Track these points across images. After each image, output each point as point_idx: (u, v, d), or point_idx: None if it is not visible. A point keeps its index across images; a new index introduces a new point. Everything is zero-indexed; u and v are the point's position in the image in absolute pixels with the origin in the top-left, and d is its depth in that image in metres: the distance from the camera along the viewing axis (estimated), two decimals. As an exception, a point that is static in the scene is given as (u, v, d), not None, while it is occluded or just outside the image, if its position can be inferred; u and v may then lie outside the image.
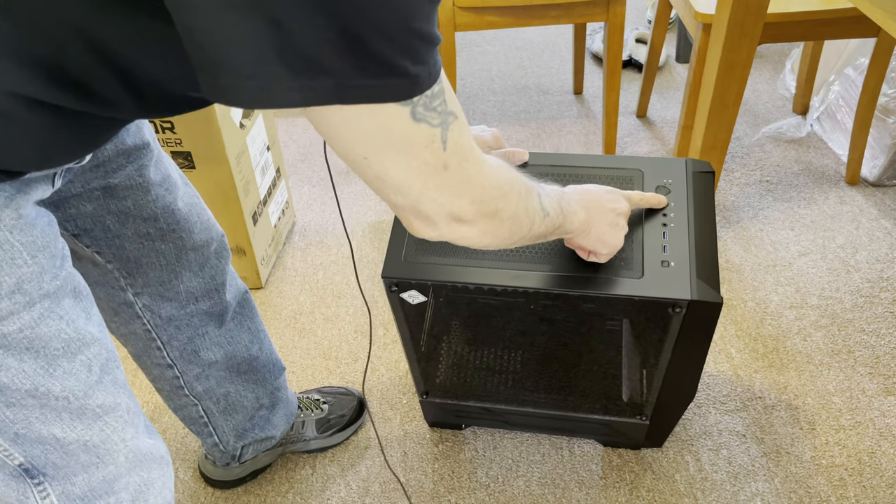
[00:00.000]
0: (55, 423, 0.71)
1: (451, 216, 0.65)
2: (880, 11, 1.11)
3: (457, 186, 0.63)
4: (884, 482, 1.25)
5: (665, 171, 1.06)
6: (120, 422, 0.76)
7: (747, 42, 1.50)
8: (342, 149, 0.57)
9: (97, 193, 0.84)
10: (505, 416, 1.30)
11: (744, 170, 2.02)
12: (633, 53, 2.53)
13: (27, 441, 0.70)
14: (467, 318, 1.29)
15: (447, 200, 0.63)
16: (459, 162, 0.61)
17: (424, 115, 0.56)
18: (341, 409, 1.37)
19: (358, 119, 0.54)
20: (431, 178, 0.60)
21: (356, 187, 2.04)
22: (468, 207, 0.65)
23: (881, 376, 1.43)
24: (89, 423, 0.73)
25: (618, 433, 1.28)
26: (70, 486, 0.74)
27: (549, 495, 1.26)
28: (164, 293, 0.99)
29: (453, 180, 0.62)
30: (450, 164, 0.60)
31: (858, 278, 1.65)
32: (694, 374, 1.11)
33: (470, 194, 0.64)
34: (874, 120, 1.87)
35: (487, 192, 0.66)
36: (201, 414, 1.16)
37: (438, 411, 1.32)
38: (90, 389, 0.72)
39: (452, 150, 0.60)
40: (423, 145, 0.58)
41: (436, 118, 0.57)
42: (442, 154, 0.59)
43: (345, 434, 1.36)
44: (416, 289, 1.01)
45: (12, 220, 0.62)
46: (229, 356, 1.13)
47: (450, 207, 0.64)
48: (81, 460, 0.74)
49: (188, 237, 0.96)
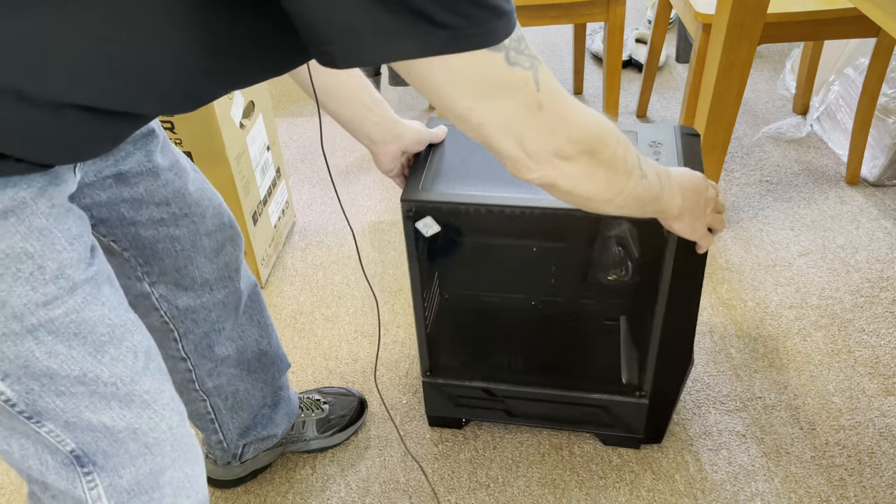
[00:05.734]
0: (104, 410, 0.72)
1: (554, 153, 0.68)
2: (880, 11, 1.11)
3: (554, 125, 0.66)
4: (884, 482, 1.25)
5: (656, 132, 1.16)
6: (166, 409, 0.77)
7: (747, 42, 1.50)
8: (447, 102, 0.61)
9: (109, 181, 0.86)
10: (506, 403, 1.31)
11: (744, 170, 2.02)
12: (633, 53, 2.53)
13: (77, 428, 0.72)
14: (476, 264, 1.33)
15: (547, 139, 0.67)
16: (553, 101, 0.65)
17: (517, 59, 0.60)
18: (342, 410, 1.37)
19: (460, 70, 0.58)
20: (530, 119, 0.64)
21: (356, 187, 2.04)
22: (567, 145, 0.68)
23: (881, 376, 1.43)
24: (138, 411, 0.74)
25: (617, 420, 1.28)
26: (118, 478, 0.75)
27: (549, 495, 1.26)
28: (179, 281, 1.00)
29: (550, 119, 0.66)
30: (545, 104, 0.64)
31: (858, 278, 1.65)
32: (688, 329, 1.16)
33: (567, 132, 0.68)
34: (874, 120, 1.87)
35: (584, 130, 0.69)
36: (209, 410, 1.16)
37: (440, 398, 1.32)
38: (136, 376, 0.73)
39: (545, 91, 0.63)
40: (519, 87, 0.61)
41: (526, 61, 0.61)
42: (536, 95, 0.63)
43: (345, 434, 1.36)
44: (432, 214, 1.08)
45: (47, 209, 0.65)
46: (241, 350, 1.13)
47: (550, 145, 0.67)
48: (130, 450, 0.75)
49: (201, 222, 0.97)
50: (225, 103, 1.48)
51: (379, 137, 1.08)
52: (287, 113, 2.42)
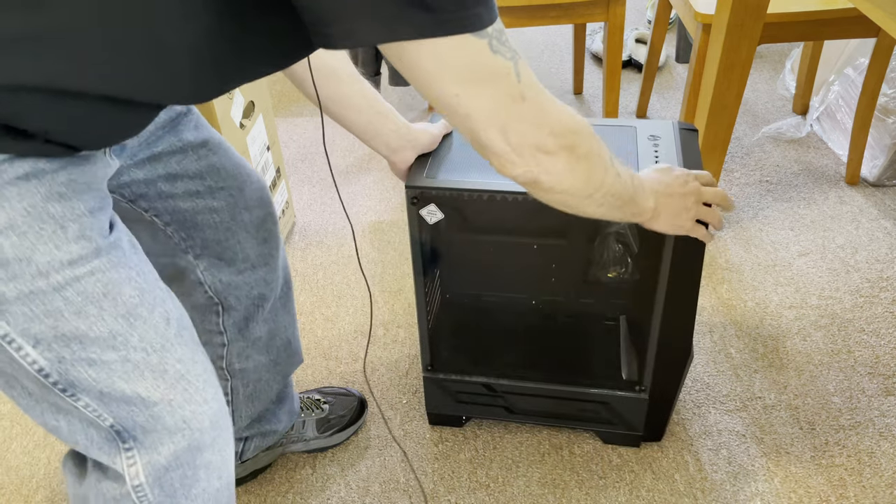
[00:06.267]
0: (138, 380, 0.72)
1: (535, 147, 0.70)
2: (880, 11, 1.11)
3: (536, 117, 0.69)
4: (884, 482, 1.25)
5: (655, 128, 1.18)
6: (200, 380, 0.76)
7: (747, 42, 1.50)
8: (436, 91, 0.65)
9: (143, 161, 0.90)
10: (506, 399, 1.31)
11: (744, 170, 2.02)
12: (633, 53, 2.53)
13: (113, 400, 0.72)
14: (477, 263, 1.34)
15: (530, 131, 0.69)
16: (535, 93, 0.68)
17: (499, 48, 0.63)
18: (342, 410, 1.37)
19: (447, 55, 0.62)
20: (514, 109, 0.67)
21: (356, 187, 2.04)
22: (548, 139, 0.71)
23: (881, 376, 1.43)
24: (172, 382, 0.74)
25: (617, 416, 1.28)
26: (156, 454, 0.75)
27: (549, 495, 1.26)
28: (222, 255, 1.01)
29: (532, 111, 0.69)
30: (527, 95, 0.67)
31: (858, 278, 1.65)
32: (688, 321, 1.17)
33: (548, 125, 0.70)
34: (874, 120, 1.87)
35: (564, 124, 0.72)
36: (227, 392, 1.16)
37: (440, 394, 1.33)
38: (168, 343, 0.73)
39: (526, 83, 0.67)
40: (502, 76, 0.65)
41: (507, 52, 0.64)
42: (518, 85, 0.66)
43: (345, 434, 1.36)
44: (436, 201, 1.09)
45: (67, 180, 0.67)
46: (271, 335, 1.15)
47: (533, 138, 0.70)
48: (168, 424, 0.75)
49: (239, 195, 0.99)
50: (225, 103, 1.48)
51: (397, 145, 1.09)
52: (287, 113, 2.42)
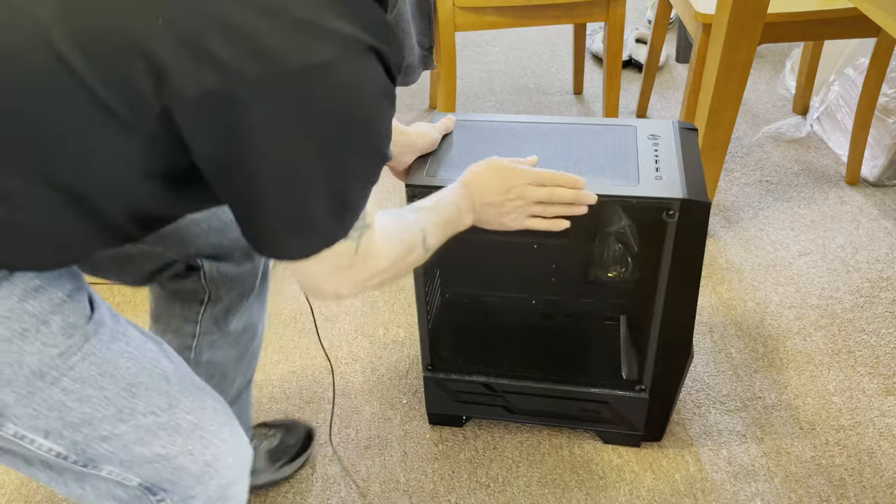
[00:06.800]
0: (155, 442, 0.73)
1: (336, 296, 0.76)
2: (880, 11, 1.11)
3: (351, 277, 0.75)
4: (884, 482, 1.25)
5: (654, 127, 1.20)
6: (214, 424, 0.77)
7: (747, 42, 1.50)
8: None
9: None
10: (506, 398, 1.31)
11: (744, 170, 2.02)
12: (633, 53, 2.53)
13: (135, 464, 0.73)
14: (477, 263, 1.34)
15: (339, 288, 0.75)
16: (363, 261, 0.74)
17: (350, 236, 0.70)
18: (293, 439, 1.33)
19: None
20: (337, 275, 0.74)
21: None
22: (350, 289, 0.77)
23: (881, 376, 1.43)
24: (187, 435, 0.75)
25: (618, 416, 1.28)
26: (191, 499, 0.76)
27: (549, 495, 1.26)
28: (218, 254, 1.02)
29: (352, 275, 0.75)
30: (355, 264, 0.73)
31: (858, 278, 1.65)
32: (688, 320, 1.17)
33: (359, 283, 0.77)
34: (874, 120, 1.87)
35: (375, 275, 0.78)
36: None
37: (440, 393, 1.33)
38: (173, 400, 0.74)
39: (362, 255, 0.73)
40: (340, 254, 0.71)
41: (355, 233, 0.70)
42: (352, 258, 0.72)
43: (294, 465, 1.31)
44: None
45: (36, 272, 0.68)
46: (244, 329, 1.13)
47: (336, 291, 0.76)
48: (193, 471, 0.76)
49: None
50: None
51: (396, 151, 1.09)
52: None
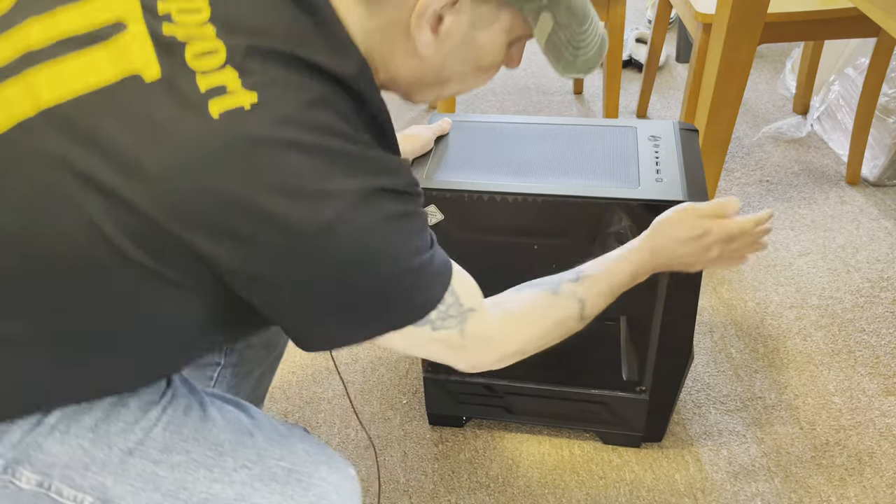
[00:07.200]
0: (252, 494, 0.74)
1: (472, 367, 0.79)
2: (880, 11, 1.11)
3: (477, 358, 0.78)
4: (884, 482, 1.25)
5: (655, 128, 1.20)
6: (308, 465, 0.77)
7: (747, 42, 1.50)
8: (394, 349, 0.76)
9: None
10: (506, 399, 1.31)
11: (744, 170, 2.02)
12: (633, 53, 2.53)
13: None
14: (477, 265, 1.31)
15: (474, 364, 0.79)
16: (481, 344, 0.77)
17: (442, 325, 0.72)
18: None
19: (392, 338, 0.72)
20: (453, 353, 0.76)
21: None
22: (490, 364, 0.80)
23: (881, 376, 1.43)
24: (284, 481, 0.75)
25: (618, 417, 1.28)
26: None
27: (549, 495, 1.26)
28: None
29: (473, 353, 0.77)
30: (467, 346, 0.76)
31: (858, 278, 1.65)
32: (688, 322, 1.17)
33: (495, 361, 0.80)
34: (874, 120, 1.87)
35: (513, 353, 0.81)
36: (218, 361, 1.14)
37: (440, 395, 1.32)
38: (261, 450, 0.76)
39: (472, 338, 0.75)
40: (443, 341, 0.74)
41: (452, 322, 0.73)
42: (460, 340, 0.75)
43: None
44: (436, 202, 1.10)
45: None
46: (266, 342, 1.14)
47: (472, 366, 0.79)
48: None
49: None
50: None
51: None
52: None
